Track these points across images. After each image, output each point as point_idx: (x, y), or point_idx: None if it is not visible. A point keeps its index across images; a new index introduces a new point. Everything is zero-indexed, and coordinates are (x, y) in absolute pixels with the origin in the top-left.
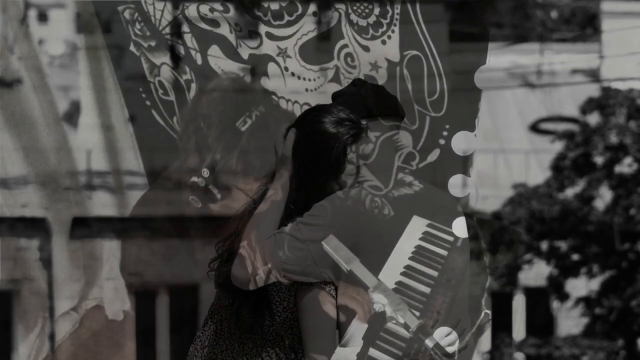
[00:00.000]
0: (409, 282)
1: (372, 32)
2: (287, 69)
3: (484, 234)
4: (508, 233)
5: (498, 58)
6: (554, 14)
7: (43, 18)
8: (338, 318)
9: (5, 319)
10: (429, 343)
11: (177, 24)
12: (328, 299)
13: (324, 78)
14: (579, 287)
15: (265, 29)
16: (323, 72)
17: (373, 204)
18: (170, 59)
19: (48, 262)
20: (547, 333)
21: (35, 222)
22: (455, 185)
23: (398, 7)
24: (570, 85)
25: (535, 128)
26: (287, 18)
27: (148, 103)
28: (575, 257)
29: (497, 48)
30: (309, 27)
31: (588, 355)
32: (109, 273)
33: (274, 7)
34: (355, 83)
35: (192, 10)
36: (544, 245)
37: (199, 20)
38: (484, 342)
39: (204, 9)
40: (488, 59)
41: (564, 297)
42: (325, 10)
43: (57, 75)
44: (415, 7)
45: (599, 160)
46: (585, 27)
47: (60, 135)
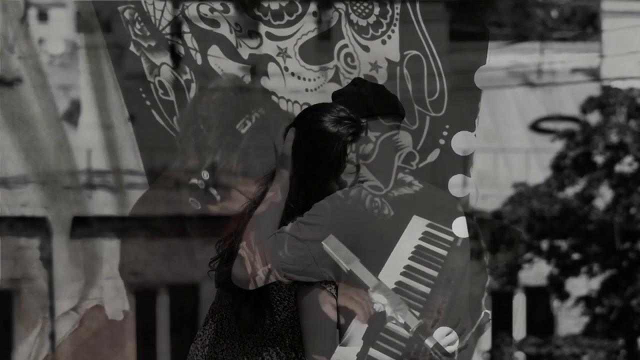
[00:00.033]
0: (409, 282)
1: (372, 32)
2: (287, 69)
3: (484, 234)
4: (508, 232)
5: (498, 57)
6: (554, 13)
7: (43, 17)
8: (338, 318)
9: (5, 319)
10: (429, 343)
11: (177, 24)
12: (328, 299)
13: (324, 78)
14: (579, 286)
15: (265, 29)
16: (323, 72)
17: (373, 204)
18: (170, 59)
19: (48, 261)
20: (547, 332)
21: (36, 221)
22: (455, 185)
23: (398, 7)
24: (571, 85)
25: (536, 127)
26: (287, 18)
27: (148, 103)
28: (576, 256)
29: (497, 47)
30: (309, 27)
31: (588, 355)
32: (109, 273)
33: (274, 7)
34: (355, 82)
35: (192, 10)
36: (545, 245)
37: (199, 20)
38: (484, 341)
39: (204, 9)
40: (488, 59)
41: (565, 296)
42: (325, 10)
43: (57, 75)
44: (415, 6)
45: (599, 160)
46: (586, 26)
47: (61, 135)
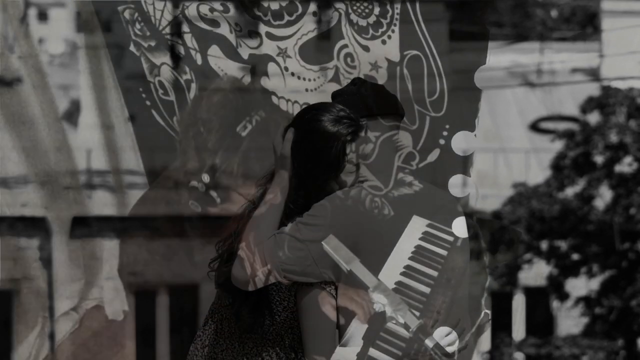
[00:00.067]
0: (409, 282)
1: (372, 32)
2: (287, 69)
3: (484, 234)
4: (508, 232)
5: (498, 57)
6: (554, 13)
7: (43, 17)
8: (338, 318)
9: (5, 319)
10: (429, 343)
11: (177, 24)
12: (328, 300)
13: (324, 78)
14: (579, 286)
15: (265, 29)
16: (323, 72)
17: (373, 204)
18: (170, 59)
19: (48, 261)
20: (547, 333)
21: (35, 221)
22: (455, 185)
23: (398, 6)
24: (571, 84)
25: (536, 127)
26: (287, 18)
27: (148, 103)
28: (575, 256)
29: (497, 47)
30: (309, 27)
31: (588, 355)
32: (109, 273)
33: (274, 7)
34: (355, 82)
35: (192, 10)
36: (544, 245)
37: (199, 20)
38: (484, 341)
39: (204, 9)
40: (488, 58)
41: (564, 296)
42: (325, 10)
43: (57, 74)
44: (415, 6)
45: (599, 160)
46: (586, 26)
47: (60, 135)
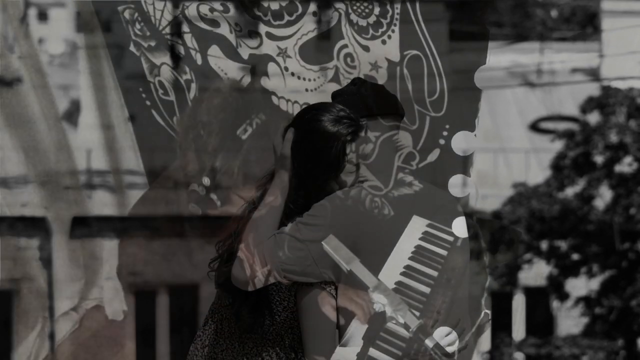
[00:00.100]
0: (409, 282)
1: (372, 32)
2: (287, 69)
3: (484, 234)
4: (508, 232)
5: (498, 57)
6: (554, 13)
7: (43, 17)
8: (338, 318)
9: (5, 319)
10: (429, 343)
11: (177, 24)
12: (328, 300)
13: (324, 78)
14: (579, 286)
15: (265, 29)
16: (323, 72)
17: (373, 204)
18: (170, 59)
19: (48, 261)
20: (547, 333)
21: (35, 221)
22: (455, 185)
23: (398, 6)
24: (570, 84)
25: (535, 127)
26: (287, 18)
27: (148, 103)
28: (575, 256)
29: (497, 47)
30: (309, 27)
31: (588, 355)
32: (109, 273)
33: (274, 7)
34: (355, 82)
35: (192, 10)
36: (544, 245)
37: (199, 20)
38: (484, 341)
39: (204, 9)
40: (488, 58)
41: (564, 296)
42: (325, 10)
43: (57, 74)
44: (415, 6)
45: (599, 160)
46: (585, 26)
47: (60, 135)
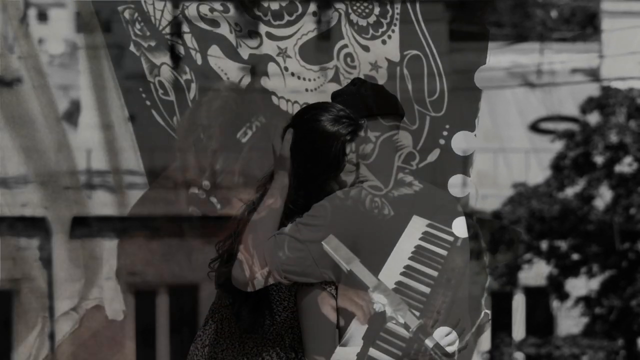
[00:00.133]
0: (409, 282)
1: (372, 32)
2: (287, 69)
3: (484, 234)
4: (508, 232)
5: (498, 57)
6: (554, 14)
7: (43, 17)
8: (338, 319)
9: (5, 319)
10: (429, 343)
11: (177, 24)
12: (328, 300)
13: (324, 78)
14: (579, 286)
15: (265, 29)
16: (323, 72)
17: (373, 204)
18: (170, 59)
19: (48, 261)
20: (547, 332)
21: (35, 221)
22: (455, 185)
23: (398, 6)
24: (570, 85)
25: (535, 127)
26: (287, 18)
27: (148, 103)
28: (575, 256)
29: (497, 47)
30: (309, 27)
31: (588, 355)
32: (109, 273)
33: (274, 7)
34: (355, 82)
35: (192, 10)
36: (544, 245)
37: (199, 20)
38: (484, 341)
39: (204, 9)
40: (488, 59)
41: (564, 296)
42: (325, 10)
43: (57, 75)
44: (415, 6)
45: (599, 160)
46: (585, 26)
47: (60, 135)
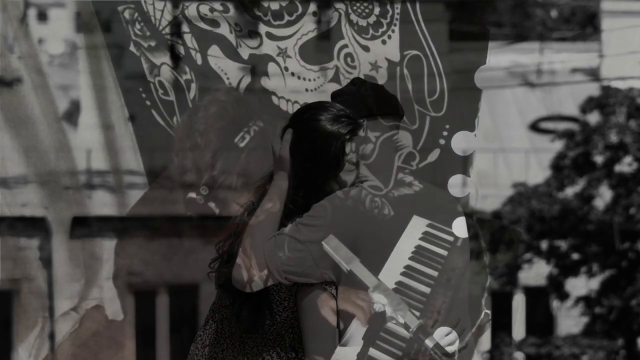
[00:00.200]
0: (409, 282)
1: (372, 32)
2: (287, 69)
3: (484, 234)
4: (508, 232)
5: (498, 57)
6: (554, 13)
7: (43, 17)
8: (338, 319)
9: (5, 319)
10: (429, 343)
11: (177, 24)
12: (328, 300)
13: (324, 78)
14: (579, 286)
15: (265, 29)
16: (323, 72)
17: (373, 204)
18: (170, 59)
19: (48, 261)
20: (547, 332)
21: (35, 221)
22: (455, 185)
23: (398, 6)
24: (570, 84)
25: (535, 127)
26: (287, 18)
27: (148, 103)
28: (575, 256)
29: (497, 47)
30: (309, 27)
31: (588, 355)
32: (109, 273)
33: (274, 7)
34: (355, 82)
35: (192, 10)
36: (544, 245)
37: (199, 20)
38: (484, 341)
39: (204, 9)
40: (488, 58)
41: (564, 296)
42: (325, 10)
43: (57, 75)
44: (415, 6)
45: (599, 160)
46: (585, 26)
47: (60, 135)
